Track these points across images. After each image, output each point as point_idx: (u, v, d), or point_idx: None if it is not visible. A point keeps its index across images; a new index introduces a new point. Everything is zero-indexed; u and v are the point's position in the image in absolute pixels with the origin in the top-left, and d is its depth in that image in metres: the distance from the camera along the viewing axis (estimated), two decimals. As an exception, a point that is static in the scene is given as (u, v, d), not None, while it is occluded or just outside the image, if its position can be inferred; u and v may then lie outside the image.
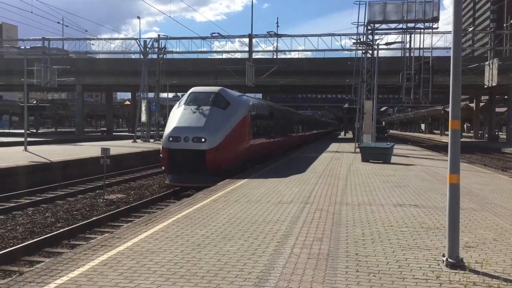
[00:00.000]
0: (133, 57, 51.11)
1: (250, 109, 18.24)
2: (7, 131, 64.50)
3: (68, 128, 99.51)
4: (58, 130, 74.74)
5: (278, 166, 18.34)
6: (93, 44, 73.48)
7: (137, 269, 5.52)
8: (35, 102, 74.46)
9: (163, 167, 16.47)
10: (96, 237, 9.13)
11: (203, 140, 14.93)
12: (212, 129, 15.22)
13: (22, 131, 31.15)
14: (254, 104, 19.44)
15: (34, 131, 62.19)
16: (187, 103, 16.47)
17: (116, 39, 70.18)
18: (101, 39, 49.08)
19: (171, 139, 15.20)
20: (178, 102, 17.46)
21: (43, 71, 34.84)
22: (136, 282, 5.09)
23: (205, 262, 5.81)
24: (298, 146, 34.46)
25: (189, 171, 15.11)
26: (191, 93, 17.15)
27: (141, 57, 40.57)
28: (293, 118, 34.64)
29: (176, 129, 15.40)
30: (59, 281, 5.09)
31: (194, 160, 14.92)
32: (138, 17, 53.27)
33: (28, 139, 26.56)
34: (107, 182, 16.44)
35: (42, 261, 7.42)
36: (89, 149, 25.56)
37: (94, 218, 11.47)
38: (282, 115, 29.00)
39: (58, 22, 43.69)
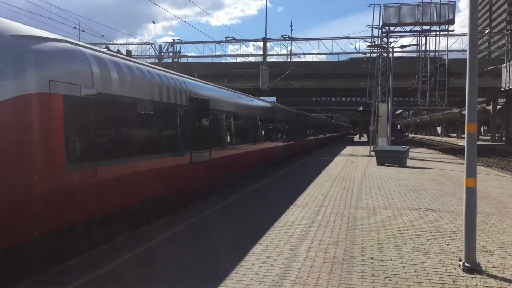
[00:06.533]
0: (148, 61, 51.61)
1: (63, 75, 6.17)
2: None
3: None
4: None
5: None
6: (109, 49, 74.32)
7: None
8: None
9: None
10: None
11: None
12: None
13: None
14: (105, 66, 7.31)
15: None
16: None
17: (132, 43, 71.15)
18: (117, 44, 49.81)
19: None
20: None
21: (60, 75, 35.34)
22: None
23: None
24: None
25: None
26: None
27: (156, 61, 40.94)
28: (275, 118, 21.69)
29: None
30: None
31: None
32: (154, 22, 54.10)
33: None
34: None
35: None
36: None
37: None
38: (249, 112, 16.84)
39: (75, 27, 44.47)
